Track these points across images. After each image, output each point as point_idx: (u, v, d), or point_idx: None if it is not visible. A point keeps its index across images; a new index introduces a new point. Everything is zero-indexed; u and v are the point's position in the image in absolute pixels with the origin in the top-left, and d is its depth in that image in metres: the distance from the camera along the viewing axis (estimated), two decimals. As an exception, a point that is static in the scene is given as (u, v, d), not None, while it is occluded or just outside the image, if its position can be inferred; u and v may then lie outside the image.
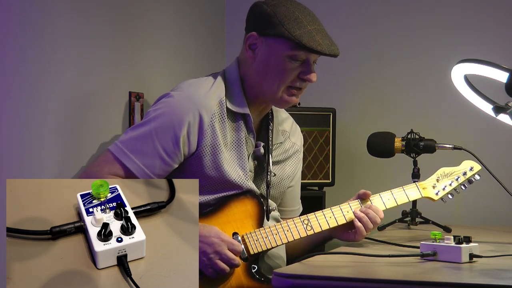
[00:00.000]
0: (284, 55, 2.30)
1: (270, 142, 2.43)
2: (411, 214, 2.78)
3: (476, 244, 2.11)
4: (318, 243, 2.48)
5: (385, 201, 2.43)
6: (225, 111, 2.33)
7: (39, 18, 2.27)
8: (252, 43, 2.34)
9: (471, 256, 2.07)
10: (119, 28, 2.68)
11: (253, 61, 2.35)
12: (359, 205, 2.40)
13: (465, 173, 2.55)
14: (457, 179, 2.54)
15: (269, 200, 2.42)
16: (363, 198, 2.42)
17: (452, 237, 2.10)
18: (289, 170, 2.52)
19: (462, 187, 2.56)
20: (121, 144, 2.28)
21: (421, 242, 2.14)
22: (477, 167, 2.57)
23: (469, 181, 2.56)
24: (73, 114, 2.44)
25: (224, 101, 2.34)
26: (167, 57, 3.03)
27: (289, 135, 2.53)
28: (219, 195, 2.33)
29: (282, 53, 2.30)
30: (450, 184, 2.53)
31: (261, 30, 2.32)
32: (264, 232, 2.32)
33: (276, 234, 2.32)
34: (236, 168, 2.34)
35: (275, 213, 2.46)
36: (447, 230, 2.69)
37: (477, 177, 2.56)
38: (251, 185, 2.37)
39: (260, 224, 2.34)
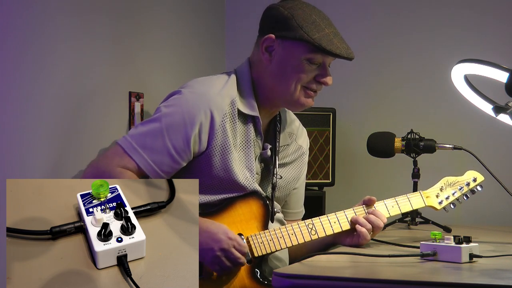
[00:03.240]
0: (302, 58, 2.30)
1: (277, 144, 2.43)
2: (411, 214, 2.78)
3: (476, 244, 2.11)
4: (322, 249, 2.47)
5: (389, 208, 2.43)
6: (236, 111, 2.33)
7: (39, 18, 2.27)
8: (269, 45, 2.33)
9: (471, 256, 2.07)
10: (119, 28, 2.68)
11: (269, 63, 2.35)
12: (363, 211, 2.40)
13: (468, 184, 2.55)
14: (460, 189, 2.54)
15: (274, 202, 2.42)
16: (368, 204, 2.41)
17: (452, 237, 2.10)
18: (295, 172, 2.51)
19: (464, 197, 2.55)
20: (131, 138, 2.27)
21: (421, 242, 2.13)
22: (480, 178, 2.56)
23: (472, 191, 2.56)
24: (73, 114, 2.44)
25: (236, 101, 2.33)
26: (167, 57, 3.03)
27: (295, 138, 2.52)
28: (224, 196, 2.33)
29: (301, 55, 2.30)
30: (453, 194, 2.53)
31: (278, 33, 2.31)
32: (269, 234, 2.31)
33: (280, 238, 2.32)
34: (244, 170, 2.34)
35: (279, 215, 2.46)
36: (447, 230, 2.69)
37: (479, 188, 2.56)
38: (257, 187, 2.37)
39: (265, 226, 2.34)
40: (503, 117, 2.37)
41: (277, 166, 2.41)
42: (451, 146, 2.74)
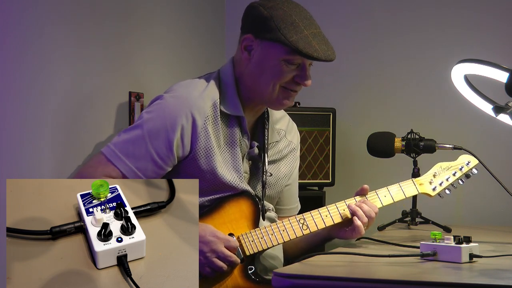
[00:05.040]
0: (280, 59, 2.29)
1: (266, 142, 2.43)
2: (411, 214, 2.78)
3: (476, 244, 2.11)
4: (317, 244, 2.48)
5: (382, 198, 2.43)
6: (219, 113, 2.33)
7: (39, 19, 2.27)
8: (247, 44, 2.33)
9: (471, 256, 2.07)
10: (119, 28, 2.68)
11: (249, 62, 2.34)
12: (355, 202, 2.40)
13: (462, 168, 2.55)
14: (454, 174, 2.54)
15: (265, 201, 2.42)
16: (361, 194, 2.42)
17: (452, 237, 2.10)
18: (285, 169, 2.51)
19: (459, 181, 2.56)
20: (114, 146, 2.27)
21: (421, 242, 2.14)
22: (474, 161, 2.57)
23: (466, 175, 2.56)
24: (73, 114, 2.44)
25: (218, 103, 2.34)
26: (167, 57, 3.03)
27: (285, 134, 2.52)
28: (214, 197, 2.33)
29: (278, 56, 2.29)
30: (447, 179, 2.53)
31: (257, 33, 2.31)
32: (260, 232, 2.32)
33: (272, 234, 2.32)
34: (231, 171, 2.34)
35: (271, 214, 2.46)
36: (447, 230, 2.69)
37: (474, 171, 2.57)
38: (246, 186, 2.37)
39: (255, 225, 2.34)
40: (503, 117, 2.36)
41: (266, 163, 2.42)
42: (451, 146, 2.74)
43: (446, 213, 3.18)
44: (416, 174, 2.72)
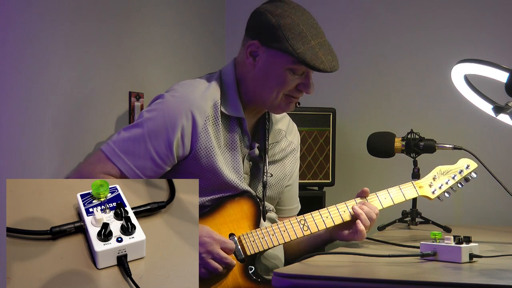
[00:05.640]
0: (285, 68, 2.30)
1: (266, 142, 2.43)
2: (411, 214, 2.78)
3: (476, 244, 2.11)
4: (318, 246, 2.48)
5: (382, 200, 2.44)
6: (219, 114, 2.33)
7: (39, 19, 2.27)
8: (253, 50, 2.33)
9: (471, 256, 2.07)
10: (119, 28, 2.68)
11: (253, 68, 2.35)
12: (355, 204, 2.40)
13: (461, 171, 2.56)
14: (453, 177, 2.55)
15: (266, 201, 2.42)
16: (362, 197, 2.42)
17: (452, 237, 2.11)
18: (286, 169, 2.51)
19: (458, 185, 2.56)
20: (114, 144, 2.28)
21: (421, 242, 2.14)
22: (474, 165, 2.57)
23: (466, 179, 2.57)
24: (73, 114, 2.44)
25: (219, 104, 2.34)
26: (167, 57, 3.03)
27: (285, 134, 2.53)
28: (215, 196, 2.33)
29: (284, 65, 2.30)
30: (447, 183, 2.54)
31: (264, 40, 2.31)
32: (261, 232, 2.32)
33: (272, 235, 2.32)
34: (231, 171, 2.34)
35: (271, 214, 2.46)
36: (447, 230, 2.69)
37: (473, 175, 2.57)
38: (246, 187, 2.37)
39: (256, 225, 2.34)
40: (503, 117, 2.37)
41: (267, 164, 2.42)
42: (451, 146, 2.74)
43: (446, 213, 3.18)
44: (416, 174, 2.73)
